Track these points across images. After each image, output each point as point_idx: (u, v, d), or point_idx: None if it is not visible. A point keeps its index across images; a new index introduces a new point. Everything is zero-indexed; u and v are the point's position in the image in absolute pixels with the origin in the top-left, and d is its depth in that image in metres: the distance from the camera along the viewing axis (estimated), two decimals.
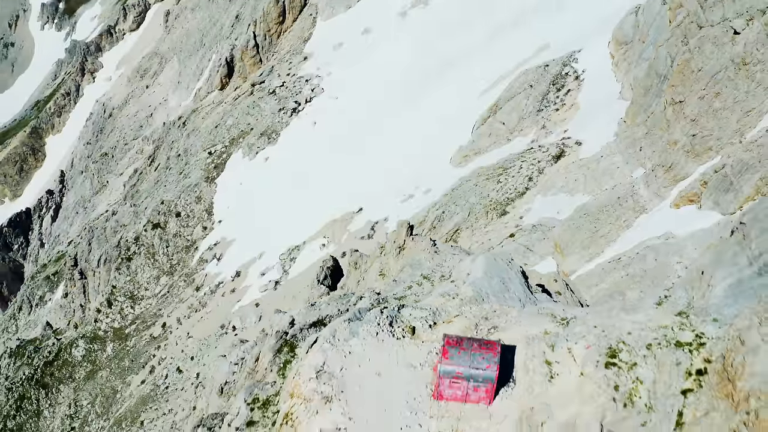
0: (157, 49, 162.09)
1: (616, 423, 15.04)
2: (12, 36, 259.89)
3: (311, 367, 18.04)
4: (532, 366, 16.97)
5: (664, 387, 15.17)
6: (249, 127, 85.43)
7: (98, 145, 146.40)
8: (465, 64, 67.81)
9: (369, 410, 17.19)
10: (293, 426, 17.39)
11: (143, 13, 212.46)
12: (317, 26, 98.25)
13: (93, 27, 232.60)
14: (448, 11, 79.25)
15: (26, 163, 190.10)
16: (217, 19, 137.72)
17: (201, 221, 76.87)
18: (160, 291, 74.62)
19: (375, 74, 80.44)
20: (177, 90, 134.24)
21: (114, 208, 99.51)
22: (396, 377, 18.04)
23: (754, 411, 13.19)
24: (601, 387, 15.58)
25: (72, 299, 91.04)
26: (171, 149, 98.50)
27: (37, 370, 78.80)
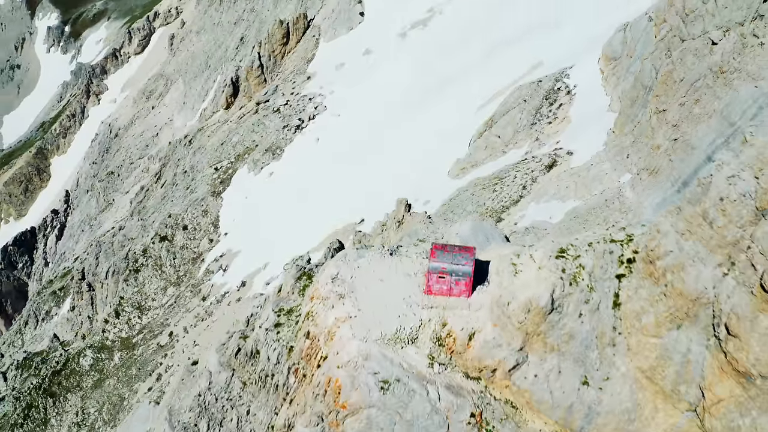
0: (162, 71, 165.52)
1: (563, 297, 20.07)
2: (18, 58, 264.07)
3: (328, 275, 23.24)
4: (502, 269, 21.76)
5: (601, 272, 20.39)
6: (254, 144, 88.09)
7: (104, 165, 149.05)
8: (463, 81, 70.59)
9: (373, 304, 22.25)
10: (314, 320, 22.44)
11: (148, 37, 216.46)
12: (320, 47, 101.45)
13: (98, 50, 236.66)
14: (446, 32, 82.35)
15: (31, 184, 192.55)
16: (222, 42, 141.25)
17: (207, 234, 79.15)
18: (167, 301, 76.65)
19: (376, 92, 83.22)
20: (182, 110, 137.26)
21: (121, 224, 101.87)
22: (395, 282, 23.20)
23: (670, 282, 18.66)
24: (551, 270, 20.57)
25: (79, 312, 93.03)
26: (177, 166, 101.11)
27: (45, 379, 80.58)
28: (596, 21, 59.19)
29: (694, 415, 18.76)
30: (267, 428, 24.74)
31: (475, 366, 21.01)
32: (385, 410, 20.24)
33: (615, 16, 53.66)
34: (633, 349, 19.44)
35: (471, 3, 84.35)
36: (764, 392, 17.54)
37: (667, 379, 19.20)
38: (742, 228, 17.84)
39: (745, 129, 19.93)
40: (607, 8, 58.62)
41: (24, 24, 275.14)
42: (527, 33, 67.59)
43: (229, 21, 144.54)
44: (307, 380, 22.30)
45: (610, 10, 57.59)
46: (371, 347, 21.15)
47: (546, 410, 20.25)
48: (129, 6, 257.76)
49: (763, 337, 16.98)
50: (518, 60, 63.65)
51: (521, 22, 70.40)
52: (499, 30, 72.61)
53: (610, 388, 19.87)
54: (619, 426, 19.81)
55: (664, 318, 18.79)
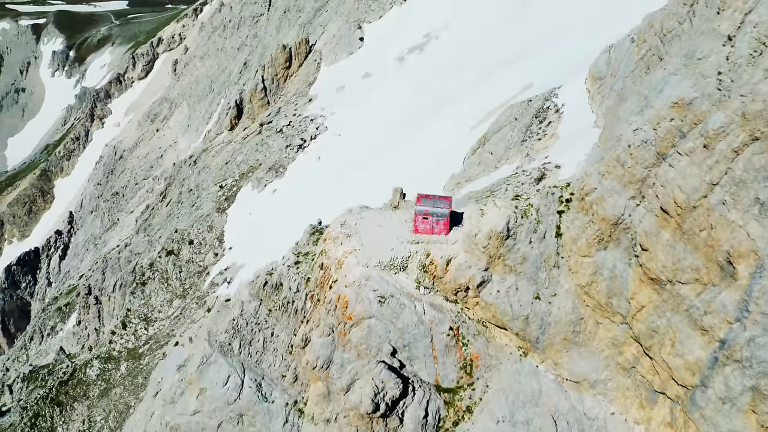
0: (167, 95, 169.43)
1: (516, 227, 26.02)
2: (23, 82, 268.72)
3: (338, 222, 30.38)
4: (472, 213, 27.56)
5: (546, 209, 26.45)
6: (258, 163, 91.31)
7: (109, 186, 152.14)
8: (458, 102, 73.92)
9: (373, 242, 28.70)
10: (326, 255, 28.89)
11: (152, 62, 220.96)
12: (321, 71, 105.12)
13: (102, 75, 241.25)
14: (443, 56, 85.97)
15: (35, 205, 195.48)
16: (226, 66, 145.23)
17: (212, 248, 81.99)
18: (173, 313, 79.26)
19: (375, 113, 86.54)
20: (186, 133, 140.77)
21: (127, 241, 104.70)
22: (390, 226, 29.82)
23: (595, 211, 24.73)
24: (507, 207, 26.70)
25: (85, 326, 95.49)
26: (182, 185, 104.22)
27: (52, 389, 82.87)
28: (583, 44, 62.67)
29: (627, 327, 23.71)
30: (287, 346, 31.30)
31: (453, 288, 26.67)
32: (382, 320, 26.19)
33: (601, 39, 57.02)
34: (573, 269, 24.83)
35: (466, 29, 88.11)
36: (673, 296, 22.83)
37: (601, 293, 24.62)
38: (647, 168, 23.29)
39: (650, 97, 24.36)
40: (594, 31, 62.20)
41: (29, 48, 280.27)
42: (519, 56, 71.10)
43: (233, 46, 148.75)
44: (321, 303, 28.41)
45: (597, 33, 61.13)
46: (371, 271, 27.33)
47: (508, 322, 25.47)
48: (133, 32, 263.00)
49: (666, 247, 22.51)
50: (510, 81, 67.00)
51: (513, 47, 73.94)
52: (493, 54, 76.17)
53: (557, 302, 25.67)
54: (568, 337, 25.32)
55: (593, 239, 24.81)
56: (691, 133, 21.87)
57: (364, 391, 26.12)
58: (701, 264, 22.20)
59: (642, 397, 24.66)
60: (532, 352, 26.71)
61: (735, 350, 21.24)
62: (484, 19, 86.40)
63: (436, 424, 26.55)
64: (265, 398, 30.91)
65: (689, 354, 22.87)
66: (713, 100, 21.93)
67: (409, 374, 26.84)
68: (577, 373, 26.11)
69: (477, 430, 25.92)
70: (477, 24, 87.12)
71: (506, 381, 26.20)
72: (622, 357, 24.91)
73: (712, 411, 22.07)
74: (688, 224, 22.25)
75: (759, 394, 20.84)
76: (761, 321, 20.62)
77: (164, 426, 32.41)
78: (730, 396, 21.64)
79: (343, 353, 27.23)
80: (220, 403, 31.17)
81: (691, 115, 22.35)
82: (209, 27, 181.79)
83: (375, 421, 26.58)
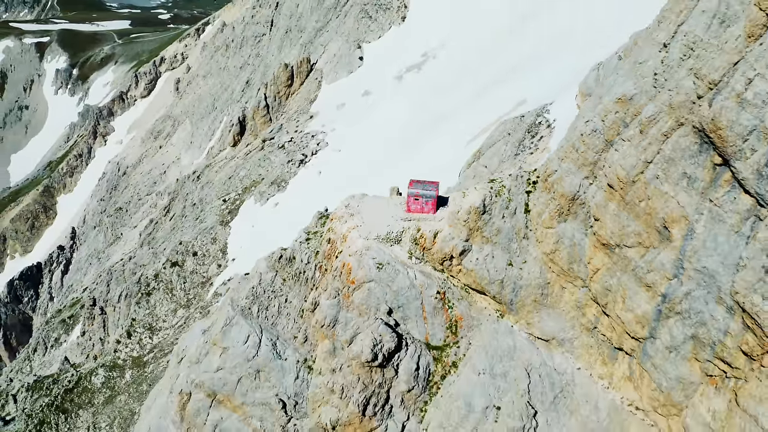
0: (170, 112, 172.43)
1: (491, 204, 30.36)
2: (27, 99, 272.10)
3: (342, 204, 35.24)
4: (456, 196, 31.86)
5: (516, 189, 30.61)
6: (260, 177, 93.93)
7: (112, 201, 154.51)
8: (454, 119, 76.64)
9: (372, 220, 33.57)
10: (333, 230, 33.65)
11: (154, 81, 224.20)
12: (322, 89, 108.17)
13: (105, 93, 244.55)
14: (440, 74, 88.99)
15: (38, 221, 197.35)
16: (228, 85, 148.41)
17: (216, 259, 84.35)
18: (177, 322, 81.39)
19: (374, 130, 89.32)
20: (189, 149, 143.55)
21: (131, 254, 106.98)
22: (387, 208, 34.62)
23: (556, 189, 29.13)
24: (485, 188, 30.85)
25: (89, 337, 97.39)
26: (186, 200, 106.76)
27: (57, 397, 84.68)
28: (575, 62, 65.52)
29: (587, 290, 27.85)
30: (299, 311, 36.00)
31: (439, 257, 31.19)
32: (380, 283, 30.57)
33: (591, 57, 59.87)
34: (539, 239, 29.24)
35: (462, 48, 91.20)
36: (621, 258, 26.97)
37: (563, 260, 29.19)
38: (597, 153, 27.46)
39: (603, 96, 28.21)
40: (584, 50, 65.08)
41: (33, 66, 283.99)
42: (513, 74, 73.97)
43: (235, 65, 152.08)
44: (328, 271, 32.94)
45: (588, 51, 63.98)
46: (371, 243, 31.85)
47: (486, 285, 29.84)
48: (136, 51, 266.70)
49: (613, 217, 26.72)
50: (504, 98, 69.73)
51: (507, 65, 76.88)
52: (488, 72, 79.14)
53: (527, 268, 29.70)
54: (537, 299, 29.59)
55: (555, 213, 29.32)
56: (632, 123, 25.96)
57: (365, 343, 30.37)
58: (642, 229, 26.29)
59: (604, 354, 28.70)
60: (508, 313, 31.00)
61: (675, 303, 25.19)
62: (480, 39, 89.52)
63: (426, 377, 30.80)
64: (279, 356, 35.12)
65: (637, 308, 26.78)
66: (649, 95, 25.80)
67: (403, 332, 31.15)
68: (547, 332, 30.22)
69: (461, 381, 30.01)
70: (473, 43, 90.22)
71: (486, 339, 30.26)
72: (585, 318, 29.01)
73: (661, 359, 26.07)
74: (629, 196, 26.43)
75: (698, 341, 24.63)
76: (695, 276, 24.38)
77: (189, 383, 36.21)
78: (674, 345, 25.55)
79: (347, 313, 31.71)
80: (240, 360, 35.16)
81: (632, 108, 26.38)
82: (212, 46, 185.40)
83: (374, 370, 30.77)
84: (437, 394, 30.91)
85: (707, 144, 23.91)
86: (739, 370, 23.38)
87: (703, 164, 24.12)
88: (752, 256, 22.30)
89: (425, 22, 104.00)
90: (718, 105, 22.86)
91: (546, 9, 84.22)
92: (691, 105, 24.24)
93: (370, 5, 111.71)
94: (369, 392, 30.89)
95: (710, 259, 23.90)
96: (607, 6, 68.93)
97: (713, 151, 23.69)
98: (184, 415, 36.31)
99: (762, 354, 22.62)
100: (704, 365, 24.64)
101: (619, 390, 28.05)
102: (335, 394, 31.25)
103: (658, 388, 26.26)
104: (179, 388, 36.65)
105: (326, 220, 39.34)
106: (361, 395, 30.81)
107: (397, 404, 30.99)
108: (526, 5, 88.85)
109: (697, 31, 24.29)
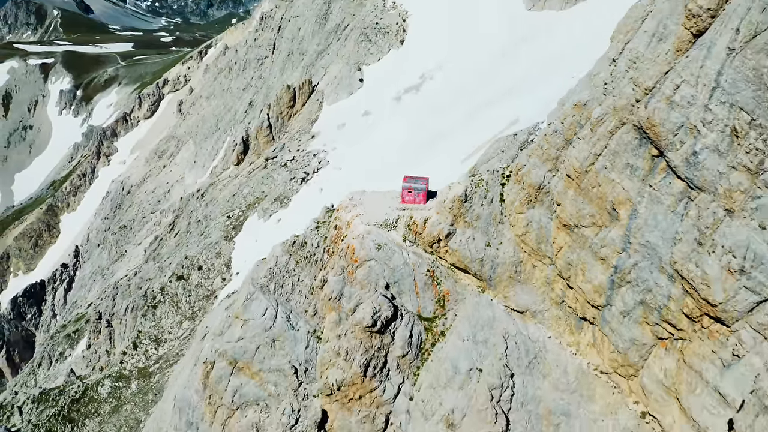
0: (173, 133, 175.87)
1: (472, 193, 34.69)
2: (31, 119, 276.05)
3: (347, 197, 40.45)
4: (443, 189, 36.89)
5: (492, 182, 35.05)
6: (263, 195, 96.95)
7: (116, 219, 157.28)
8: (451, 138, 79.89)
9: (372, 209, 38.96)
10: (339, 218, 38.97)
11: (157, 102, 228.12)
12: (323, 109, 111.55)
13: (109, 114, 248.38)
14: (436, 95, 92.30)
15: (41, 239, 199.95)
16: (231, 106, 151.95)
17: (220, 273, 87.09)
18: (183, 334, 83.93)
19: (374, 149, 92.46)
20: (193, 168, 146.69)
21: (137, 269, 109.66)
22: (384, 200, 39.97)
23: (524, 180, 34.13)
24: (467, 181, 35.46)
25: (95, 350, 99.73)
26: (191, 217, 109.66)
27: (64, 407, 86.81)
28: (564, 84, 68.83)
29: (554, 267, 32.72)
30: (309, 288, 41.87)
31: (429, 240, 35.95)
32: (379, 261, 35.46)
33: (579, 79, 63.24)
34: (512, 223, 33.81)
35: (459, 70, 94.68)
36: (580, 236, 31.55)
37: (533, 240, 34.03)
38: (558, 150, 32.02)
39: (565, 103, 34.08)
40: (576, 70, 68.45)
41: (37, 87, 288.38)
42: (506, 95, 77.31)
43: (238, 87, 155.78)
44: (334, 253, 37.95)
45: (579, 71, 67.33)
46: (371, 228, 36.92)
47: (468, 264, 34.67)
48: (139, 73, 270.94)
49: (571, 200, 31.15)
50: (498, 118, 72.94)
51: (502, 86, 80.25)
52: (483, 93, 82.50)
53: (502, 248, 34.29)
54: (512, 275, 34.26)
55: (524, 201, 34.03)
56: (586, 124, 30.98)
57: (366, 311, 35.13)
58: (595, 211, 30.88)
59: (571, 325, 33.44)
60: (487, 288, 35.89)
61: (625, 273, 29.86)
62: (476, 62, 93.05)
63: (418, 345, 35.77)
64: (292, 327, 40.54)
65: (595, 279, 31.30)
66: (599, 101, 30.81)
67: (398, 304, 36.15)
68: (522, 305, 35.02)
69: (449, 347, 34.93)
70: (469, 65, 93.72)
71: (469, 311, 35.20)
72: (553, 293, 33.76)
73: (617, 324, 30.71)
74: (584, 184, 31.08)
75: (647, 306, 29.24)
76: (640, 249, 29.05)
77: (213, 353, 41.03)
78: (627, 310, 30.18)
79: (351, 287, 36.47)
80: (258, 330, 40.21)
81: (586, 112, 31.30)
82: (214, 69, 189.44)
83: (374, 335, 35.48)
84: (428, 360, 35.61)
85: (645, 139, 28.54)
86: (684, 331, 27.79)
87: (642, 156, 28.78)
88: (686, 230, 26.90)
89: (423, 45, 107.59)
90: (652, 107, 27.54)
91: (539, 35, 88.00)
92: (631, 107, 29.13)
93: (369, 29, 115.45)
94: (369, 355, 35.66)
95: (652, 235, 28.49)
96: (594, 33, 72.49)
97: (650, 144, 28.30)
98: (207, 382, 41.20)
99: (701, 315, 26.83)
100: (654, 328, 29.19)
101: (585, 356, 32.63)
102: (340, 357, 35.83)
103: (616, 350, 30.89)
104: (204, 359, 41.74)
105: (332, 212, 45.63)
106: (363, 357, 35.58)
107: (393, 368, 35.71)
108: (521, 31, 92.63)
109: (639, 48, 29.09)
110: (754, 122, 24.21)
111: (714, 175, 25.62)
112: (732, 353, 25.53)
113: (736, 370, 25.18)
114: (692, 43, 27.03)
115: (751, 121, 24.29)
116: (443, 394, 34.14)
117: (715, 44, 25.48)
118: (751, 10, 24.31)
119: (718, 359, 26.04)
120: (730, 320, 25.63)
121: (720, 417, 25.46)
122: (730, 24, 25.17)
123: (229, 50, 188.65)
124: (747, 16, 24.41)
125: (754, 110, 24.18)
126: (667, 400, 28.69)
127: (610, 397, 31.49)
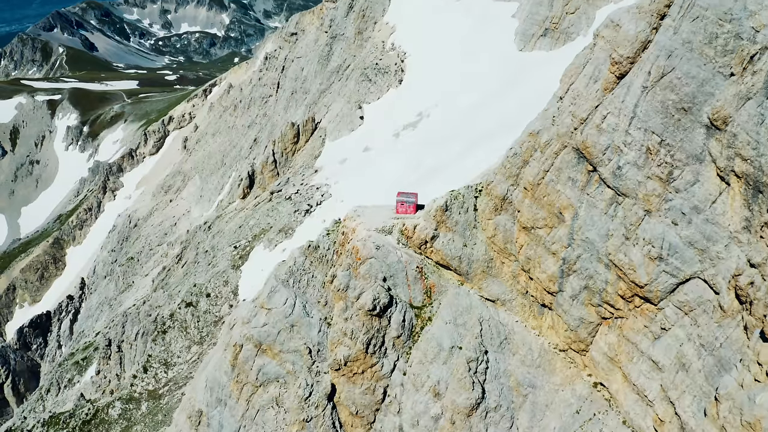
0: (179, 168, 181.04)
1: (451, 204, 41.51)
2: (38, 154, 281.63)
3: (352, 209, 49.42)
4: (429, 202, 43.77)
5: (468, 196, 42.01)
6: (269, 226, 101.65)
7: (123, 252, 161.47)
8: (446, 171, 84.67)
9: (372, 219, 46.80)
10: (345, 227, 46.93)
11: (163, 139, 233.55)
12: (326, 145, 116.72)
13: (115, 149, 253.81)
14: (433, 132, 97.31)
15: (47, 271, 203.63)
16: (236, 142, 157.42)
17: (228, 300, 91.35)
18: (191, 358, 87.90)
19: (374, 182, 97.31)
20: (199, 203, 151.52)
21: (145, 298, 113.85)
22: (382, 213, 47.85)
23: (492, 193, 42.26)
24: (447, 195, 42.40)
25: (105, 375, 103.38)
26: (198, 248, 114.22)
27: (75, 429, 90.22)
28: None
29: (518, 263, 39.54)
30: (322, 283, 49.62)
31: (418, 243, 43.14)
32: (378, 259, 42.45)
33: None
34: (483, 227, 40.70)
35: (454, 107, 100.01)
36: (536, 236, 38.70)
37: (500, 241, 41.35)
38: (518, 168, 39.21)
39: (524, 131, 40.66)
40: None
41: (44, 123, 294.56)
42: (499, 129, 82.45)
43: (243, 124, 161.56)
44: (342, 254, 45.01)
45: None
46: (372, 233, 43.98)
47: (450, 261, 41.44)
48: (144, 110, 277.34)
49: (527, 207, 37.97)
50: (491, 151, 77.92)
51: (496, 120, 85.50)
52: (477, 128, 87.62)
53: (476, 248, 41.23)
54: (485, 271, 41.34)
55: (492, 209, 41.25)
56: (538, 147, 38.30)
57: (368, 297, 42.42)
58: (546, 215, 38.08)
59: (534, 311, 41.06)
60: (465, 281, 43.47)
61: (571, 264, 37.55)
62: (471, 99, 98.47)
63: (410, 328, 43.38)
64: (308, 315, 48.59)
65: (548, 270, 38.57)
66: (548, 129, 38.12)
67: (394, 295, 43.77)
68: (494, 295, 42.59)
69: (434, 329, 42.64)
70: (464, 103, 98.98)
71: (451, 300, 42.71)
72: (519, 285, 41.46)
73: (568, 306, 38.21)
74: (537, 194, 38.40)
75: (590, 290, 36.94)
76: (581, 244, 36.65)
77: (242, 337, 48.68)
78: (575, 294, 37.58)
79: (355, 281, 43.68)
80: (280, 317, 48.50)
81: (538, 139, 38.52)
82: (219, 106, 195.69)
83: (374, 318, 42.62)
84: (418, 340, 42.78)
85: (582, 158, 35.92)
86: (621, 310, 35.69)
87: (580, 171, 36.17)
88: (616, 228, 34.67)
89: (421, 84, 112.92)
90: (586, 133, 35.15)
91: (530, 74, 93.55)
92: (571, 133, 36.41)
93: (370, 69, 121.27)
94: (370, 335, 42.77)
95: (590, 232, 35.94)
96: None
97: (586, 162, 35.70)
98: (236, 363, 48.78)
99: (632, 296, 34.63)
100: (597, 309, 36.98)
101: (546, 337, 40.30)
102: (347, 336, 42.92)
103: (569, 329, 38.46)
104: (233, 342, 49.27)
105: (339, 224, 54.72)
106: (365, 337, 42.70)
107: (390, 347, 43.09)
108: (513, 70, 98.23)
109: (580, 88, 36.37)
110: (663, 142, 31.83)
111: (635, 184, 33.33)
112: (660, 327, 33.08)
113: (664, 341, 32.81)
114: (617, 83, 34.53)
115: (661, 142, 31.91)
116: (430, 368, 41.42)
117: (633, 84, 32.90)
118: (659, 57, 31.64)
119: (649, 332, 33.85)
120: (656, 299, 33.48)
121: (654, 380, 32.81)
122: (644, 68, 32.45)
123: (234, 89, 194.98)
124: (656, 62, 31.75)
125: (662, 133, 31.81)
126: (612, 369, 36.08)
127: (567, 371, 38.75)
